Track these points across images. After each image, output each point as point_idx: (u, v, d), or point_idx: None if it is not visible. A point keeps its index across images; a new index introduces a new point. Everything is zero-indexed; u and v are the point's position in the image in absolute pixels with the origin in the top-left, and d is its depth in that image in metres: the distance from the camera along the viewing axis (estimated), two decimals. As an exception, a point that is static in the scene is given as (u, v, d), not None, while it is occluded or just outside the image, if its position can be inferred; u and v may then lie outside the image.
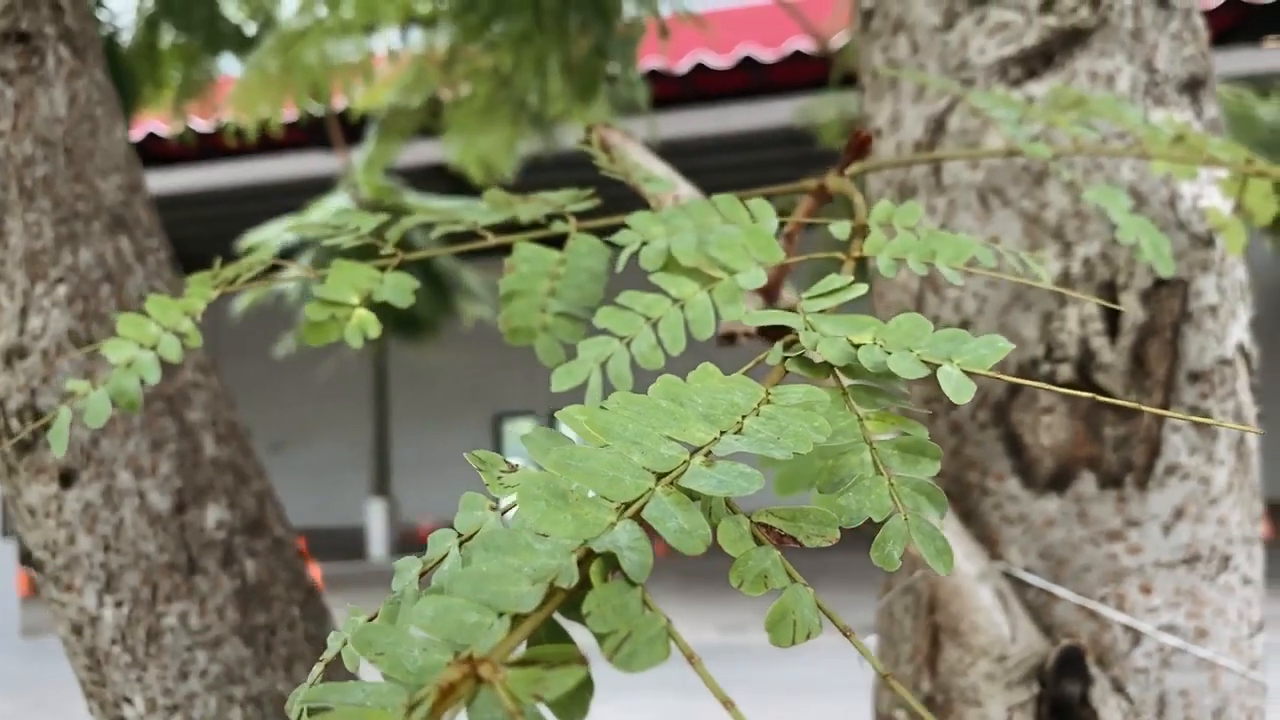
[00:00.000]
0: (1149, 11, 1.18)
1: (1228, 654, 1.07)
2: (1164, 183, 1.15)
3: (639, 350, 0.61)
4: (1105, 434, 1.10)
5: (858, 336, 0.51)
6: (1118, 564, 1.08)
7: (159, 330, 0.79)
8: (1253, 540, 1.12)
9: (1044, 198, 1.17)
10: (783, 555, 0.40)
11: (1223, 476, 1.10)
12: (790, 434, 0.41)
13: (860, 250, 0.64)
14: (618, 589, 0.34)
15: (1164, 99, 1.17)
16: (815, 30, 5.12)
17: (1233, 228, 1.12)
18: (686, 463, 0.39)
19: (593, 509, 0.37)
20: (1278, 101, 9.88)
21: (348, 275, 0.77)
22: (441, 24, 4.65)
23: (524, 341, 0.72)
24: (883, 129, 1.30)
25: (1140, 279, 1.13)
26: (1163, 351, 1.11)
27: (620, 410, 0.42)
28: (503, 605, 0.35)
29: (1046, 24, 1.18)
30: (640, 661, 0.32)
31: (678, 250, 0.65)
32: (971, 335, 0.50)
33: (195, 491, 1.30)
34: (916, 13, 1.25)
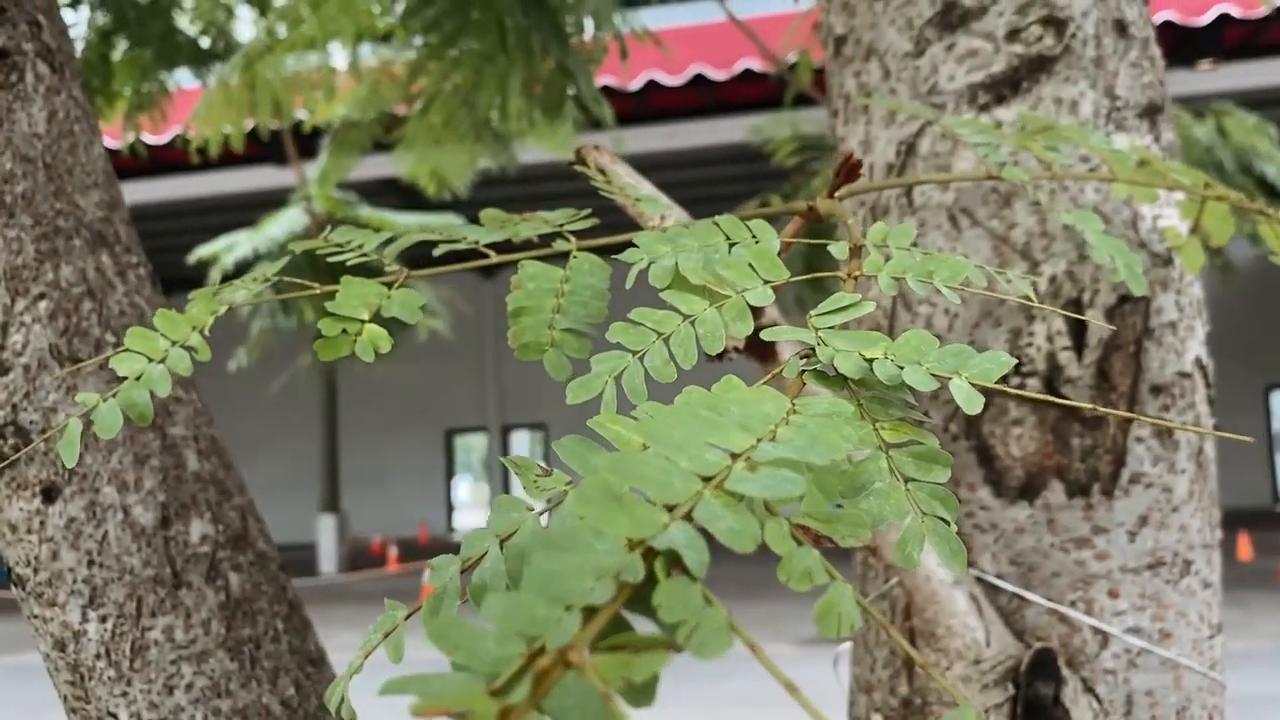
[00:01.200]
0: (1109, 40, 1.23)
1: (1190, 655, 1.12)
2: (1126, 204, 1.20)
3: (652, 364, 0.64)
4: (1073, 444, 1.15)
5: (869, 351, 0.54)
6: (1086, 570, 1.12)
7: (167, 344, 0.81)
8: (1211, 546, 1.17)
9: (1012, 218, 1.21)
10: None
11: (1184, 485, 1.15)
12: (823, 442, 0.44)
13: (860, 270, 0.67)
14: (682, 584, 0.36)
15: (1124, 124, 1.23)
16: (768, 50, 5.20)
17: (1190, 248, 1.17)
18: (729, 467, 0.42)
19: (647, 510, 0.40)
20: (1212, 123, 10.15)
21: (357, 291, 0.80)
22: (400, 40, 4.66)
23: (533, 357, 0.75)
24: (855, 152, 1.34)
25: (1104, 296, 1.18)
26: (1126, 366, 1.16)
27: (663, 418, 0.45)
28: (570, 599, 0.37)
29: (1013, 51, 1.23)
30: (710, 650, 0.34)
31: (686, 268, 0.68)
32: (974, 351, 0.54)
33: (179, 506, 1.31)
34: (888, 40, 1.30)
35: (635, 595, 0.37)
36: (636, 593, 0.37)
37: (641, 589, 0.37)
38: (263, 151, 10.24)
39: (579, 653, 0.33)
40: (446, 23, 2.86)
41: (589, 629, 0.34)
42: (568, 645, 0.33)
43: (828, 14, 1.40)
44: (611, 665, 0.32)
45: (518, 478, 0.51)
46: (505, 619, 0.37)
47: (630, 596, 0.37)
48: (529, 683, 0.32)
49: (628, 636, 0.34)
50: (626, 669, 0.32)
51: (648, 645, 0.33)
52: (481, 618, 0.38)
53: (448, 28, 2.88)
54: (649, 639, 0.33)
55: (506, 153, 5.23)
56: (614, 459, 0.42)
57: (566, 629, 0.36)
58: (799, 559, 0.40)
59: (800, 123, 6.42)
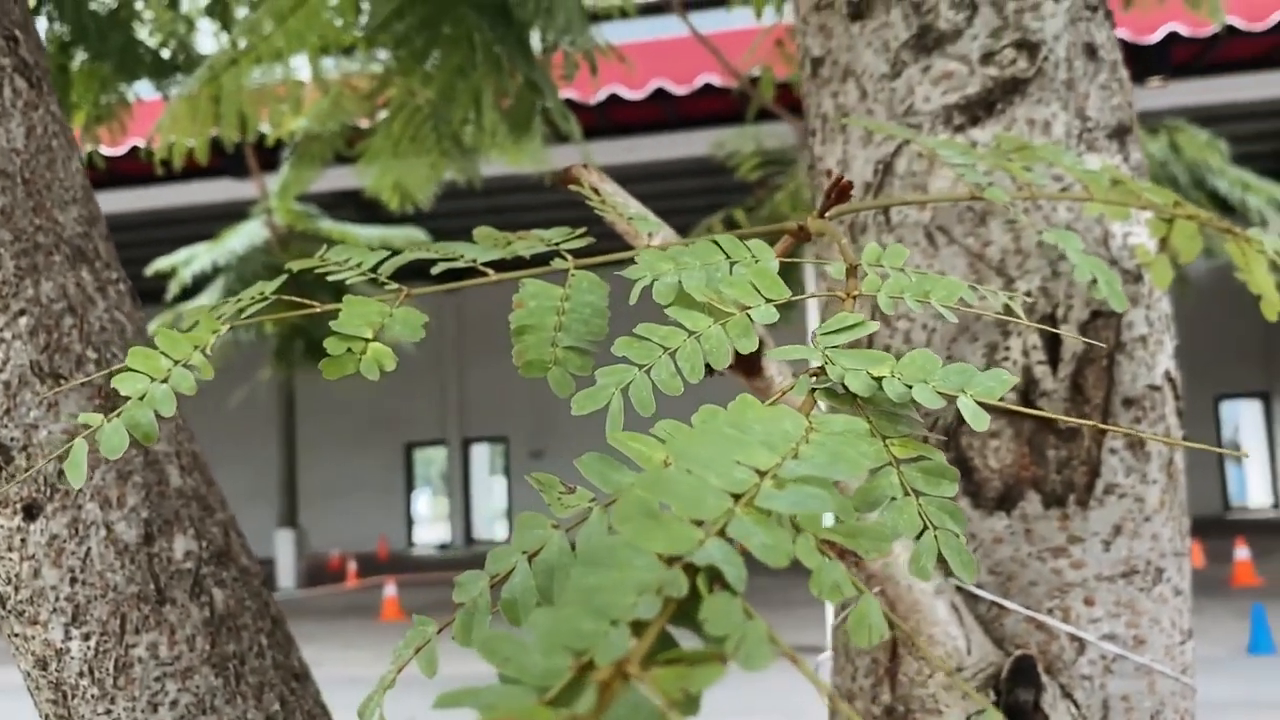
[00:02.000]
0: (1080, 63, 1.27)
1: (1163, 660, 1.15)
2: (1097, 222, 1.24)
3: (659, 378, 0.65)
4: (1049, 456, 1.18)
5: (877, 370, 0.56)
6: (1062, 578, 1.15)
7: (169, 363, 0.82)
8: (1182, 554, 1.20)
9: (987, 236, 1.25)
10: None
11: (1155, 495, 1.18)
12: (845, 459, 0.46)
13: (858, 289, 0.70)
14: (725, 599, 0.38)
15: (1095, 144, 1.26)
16: (730, 66, 5.25)
17: (1159, 264, 1.21)
18: (757, 485, 0.44)
19: (683, 527, 0.41)
20: (1166, 139, 10.36)
21: (360, 310, 0.81)
22: (363, 53, 4.65)
23: (537, 374, 0.76)
24: (832, 171, 1.37)
25: (1078, 311, 1.21)
26: (1099, 379, 1.20)
27: (690, 437, 0.46)
28: (614, 614, 0.39)
29: (988, 74, 1.26)
30: (756, 661, 0.36)
31: (690, 286, 0.70)
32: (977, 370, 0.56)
33: (162, 522, 1.31)
34: (864, 61, 1.33)
35: (677, 610, 0.39)
36: (680, 608, 0.39)
37: (684, 604, 0.39)
38: (222, 164, 10.16)
39: (635, 665, 0.34)
40: (418, 37, 2.87)
41: (642, 643, 0.36)
42: (624, 658, 0.34)
43: (804, 35, 1.43)
44: (670, 677, 0.33)
45: (542, 495, 0.53)
46: (551, 633, 0.39)
47: (676, 611, 0.38)
48: (592, 694, 0.33)
49: (680, 650, 0.36)
50: (685, 680, 0.33)
51: (703, 658, 0.34)
52: (526, 631, 0.40)
53: (419, 42, 2.88)
54: (703, 653, 0.35)
55: (471, 166, 5.24)
56: (648, 477, 0.43)
57: (614, 642, 0.37)
58: (828, 572, 0.42)
59: (763, 138, 6.48)
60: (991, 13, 1.27)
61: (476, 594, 0.50)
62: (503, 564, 0.52)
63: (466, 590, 0.51)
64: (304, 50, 4.02)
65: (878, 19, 1.32)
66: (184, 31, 5.36)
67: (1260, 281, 1.15)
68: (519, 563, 0.51)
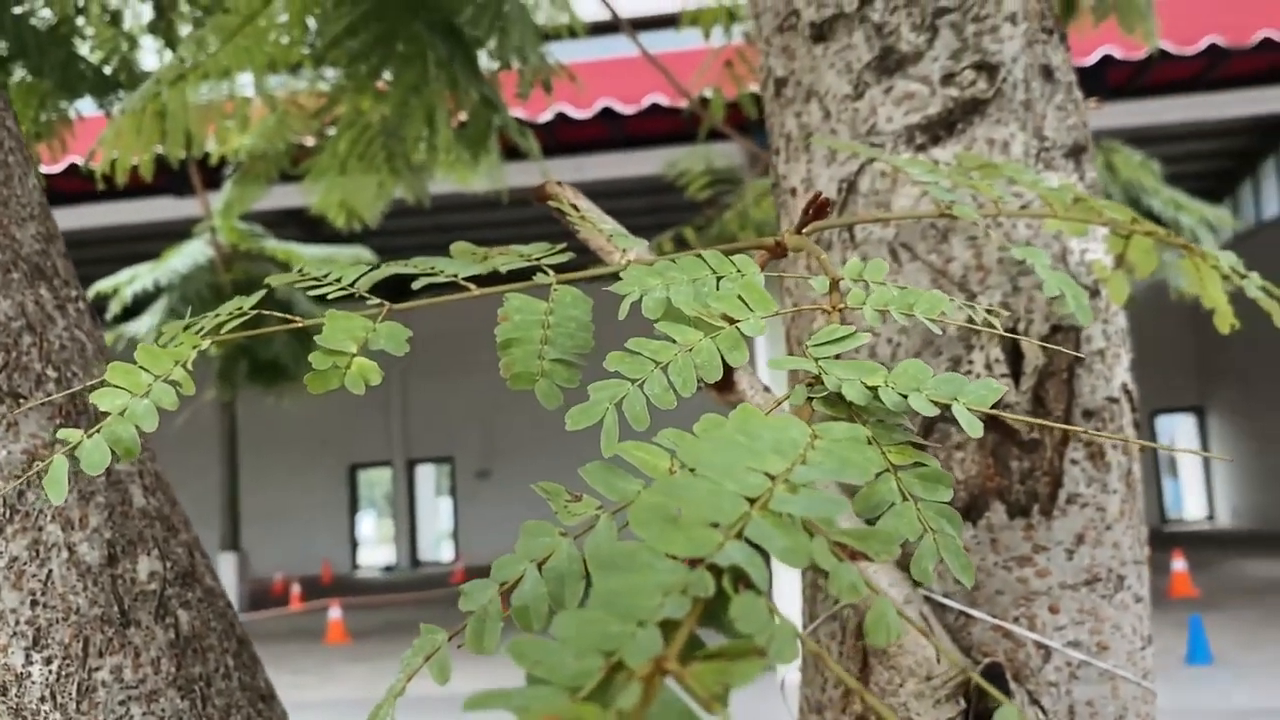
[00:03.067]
0: (1037, 84, 1.31)
1: (1125, 666, 1.18)
2: (1055, 238, 1.27)
3: (652, 392, 0.66)
4: (1012, 467, 1.21)
5: (870, 379, 0.58)
6: (1028, 587, 1.18)
7: (150, 379, 0.81)
8: (1141, 562, 1.24)
9: (949, 252, 1.27)
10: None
11: (1115, 505, 1.21)
12: (853, 464, 0.47)
13: (844, 303, 0.71)
14: (751, 598, 0.39)
15: (1052, 163, 1.30)
16: (680, 86, 5.29)
17: (1115, 280, 1.25)
18: (770, 490, 0.45)
19: (703, 531, 0.42)
20: (1101, 159, 10.59)
21: (343, 325, 0.81)
22: (309, 70, 4.62)
23: (525, 387, 0.77)
24: (797, 189, 1.40)
25: (1038, 325, 1.24)
26: (1060, 391, 1.23)
27: (702, 444, 0.47)
28: (641, 615, 0.40)
29: (948, 94, 1.29)
30: (785, 656, 0.37)
31: (679, 300, 0.71)
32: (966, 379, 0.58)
33: (126, 543, 1.29)
34: (827, 82, 1.36)
35: (704, 610, 0.40)
36: (706, 608, 0.40)
37: (709, 604, 0.40)
38: (164, 182, 10.01)
39: (674, 662, 0.35)
40: (372, 55, 2.86)
41: (676, 641, 0.37)
42: (661, 656, 0.35)
43: (768, 56, 1.46)
44: (710, 673, 0.34)
45: (550, 503, 0.53)
46: (580, 636, 0.39)
47: (703, 611, 0.39)
48: (636, 690, 0.34)
49: (718, 646, 0.37)
50: (725, 675, 0.34)
51: (742, 653, 0.35)
52: (555, 634, 0.40)
53: (373, 60, 2.88)
54: (742, 647, 0.36)
55: (420, 185, 5.22)
56: (664, 483, 0.44)
57: (642, 643, 0.38)
58: (844, 574, 0.43)
59: (713, 157, 6.54)
60: (951, 35, 1.30)
61: (486, 601, 0.50)
62: (510, 572, 0.52)
63: (474, 599, 0.52)
64: (252, 67, 3.99)
65: (840, 41, 1.34)
66: (126, 48, 5.29)
67: (1214, 296, 1.18)
68: (528, 570, 0.51)
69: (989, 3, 1.31)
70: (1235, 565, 14.55)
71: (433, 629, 0.52)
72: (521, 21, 3.02)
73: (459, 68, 3.17)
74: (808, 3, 1.38)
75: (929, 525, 0.52)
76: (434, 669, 0.49)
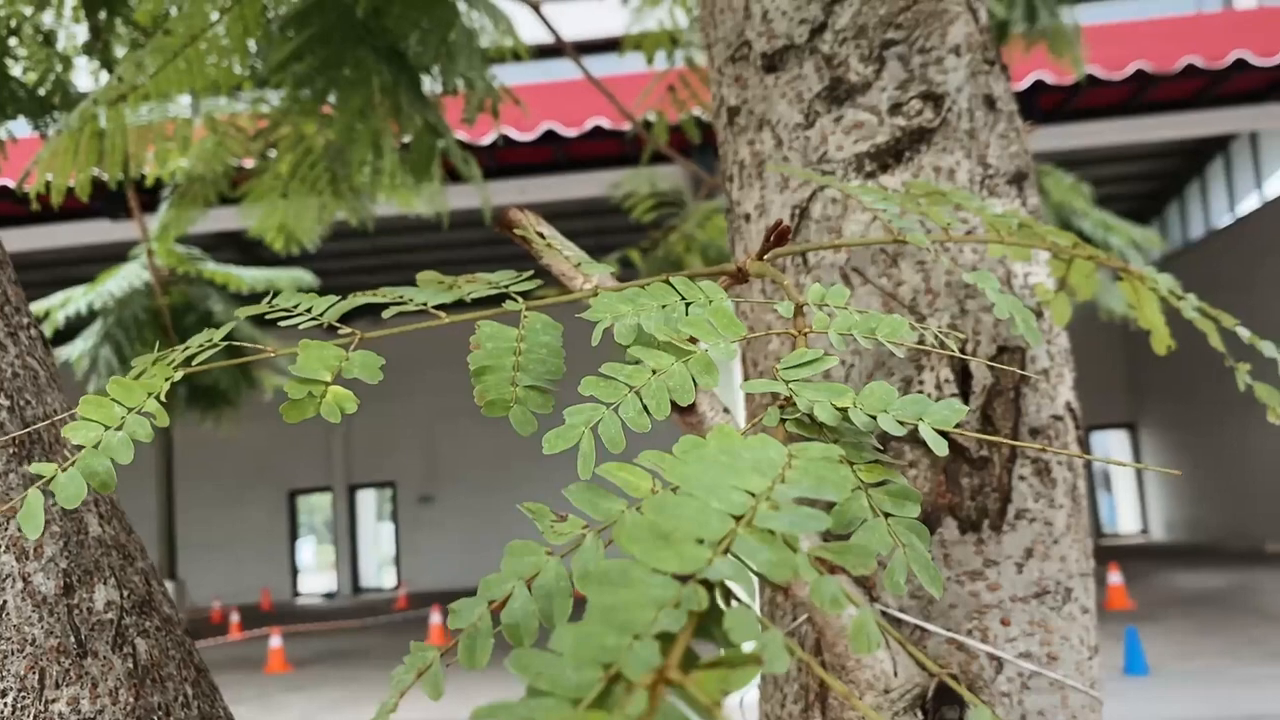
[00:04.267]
0: (981, 114, 1.35)
1: (1074, 675, 1.22)
2: (1000, 262, 1.32)
3: (626, 415, 0.69)
4: (963, 484, 1.24)
5: (840, 401, 0.61)
6: (980, 600, 1.21)
7: (123, 411, 0.81)
8: (1087, 574, 1.28)
9: (899, 276, 1.31)
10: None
11: (1062, 519, 1.25)
12: (830, 481, 0.50)
13: (809, 327, 0.74)
14: (743, 610, 0.41)
15: (996, 190, 1.35)
16: (624, 109, 5.34)
17: (1059, 302, 1.29)
18: (754, 507, 0.47)
19: (692, 547, 0.44)
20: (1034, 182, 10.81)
21: (317, 354, 0.82)
22: (251, 92, 4.59)
23: (499, 413, 0.78)
24: (750, 214, 1.43)
25: (985, 347, 1.28)
26: (1007, 410, 1.27)
27: (690, 464, 0.49)
28: (635, 628, 0.42)
29: (896, 124, 1.33)
30: (778, 665, 0.39)
31: (651, 326, 0.73)
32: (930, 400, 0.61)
33: (82, 572, 1.28)
34: (779, 111, 1.39)
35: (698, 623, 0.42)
36: (700, 621, 0.42)
37: (702, 617, 0.42)
38: (98, 205, 9.85)
39: (675, 671, 0.37)
40: (319, 79, 2.86)
41: (674, 651, 0.39)
42: (664, 666, 0.37)
43: (720, 85, 1.49)
44: (713, 680, 0.36)
45: (535, 524, 0.55)
46: (578, 649, 0.41)
47: (698, 623, 0.42)
48: (641, 699, 0.36)
49: (719, 655, 0.39)
50: (726, 682, 0.36)
51: (741, 661, 0.37)
52: (553, 648, 0.42)
53: (320, 84, 2.88)
54: (742, 655, 0.38)
55: (363, 208, 5.20)
56: (656, 501, 0.46)
57: (640, 654, 0.40)
58: (827, 586, 0.46)
59: (657, 180, 6.60)
60: (898, 66, 1.34)
61: (475, 619, 0.52)
62: (497, 590, 0.54)
63: (463, 617, 0.53)
64: (193, 89, 3.96)
65: (791, 71, 1.38)
66: (60, 69, 5.21)
67: (1150, 317, 1.23)
68: (517, 588, 0.53)
69: (934, 35, 1.36)
70: (1169, 578, 14.87)
71: (423, 646, 0.54)
72: (468, 47, 3.03)
73: (404, 93, 3.18)
74: (759, 34, 1.42)
75: (899, 540, 0.54)
76: (427, 685, 0.50)
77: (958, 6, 1.39)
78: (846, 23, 1.36)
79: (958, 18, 1.38)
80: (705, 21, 1.54)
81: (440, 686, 0.51)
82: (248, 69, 3.77)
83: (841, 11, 1.37)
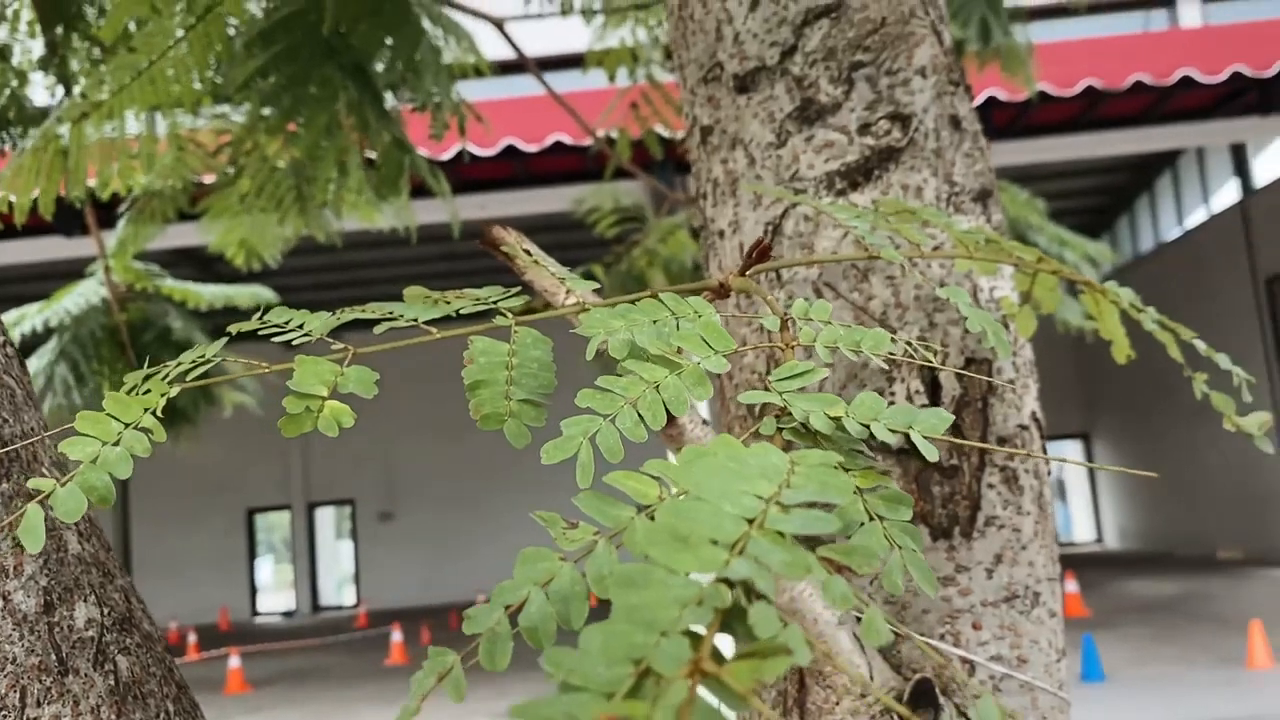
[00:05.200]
0: (946, 133, 1.40)
1: (1043, 677, 1.26)
2: (967, 277, 1.36)
3: (624, 425, 0.71)
4: (934, 492, 1.28)
5: (833, 411, 0.63)
6: (952, 605, 1.25)
7: (120, 427, 0.83)
8: (1054, 579, 1.32)
9: (870, 291, 1.35)
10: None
11: (1029, 526, 1.29)
12: (834, 486, 0.52)
13: (797, 340, 0.77)
14: (765, 606, 0.44)
15: (962, 207, 1.39)
16: (586, 125, 5.37)
17: (1023, 315, 1.34)
18: (765, 511, 0.50)
19: (710, 549, 0.47)
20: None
21: (313, 369, 0.84)
22: (215, 107, 4.57)
23: (494, 427, 0.80)
24: (725, 231, 1.46)
25: (953, 359, 1.32)
26: (975, 419, 1.31)
27: (700, 470, 0.52)
28: (661, 626, 0.44)
29: (865, 143, 1.37)
30: (800, 657, 0.42)
31: (643, 340, 0.76)
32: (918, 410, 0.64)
33: (62, 590, 1.28)
34: (751, 131, 1.43)
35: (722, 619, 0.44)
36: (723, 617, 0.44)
37: (725, 614, 0.44)
38: (53, 222, 9.71)
39: (709, 663, 0.40)
40: (285, 96, 2.86)
41: (704, 646, 0.41)
42: (697, 658, 0.40)
43: (693, 106, 1.52)
44: (746, 669, 0.39)
45: (548, 531, 0.57)
46: (607, 647, 0.44)
47: (722, 620, 0.44)
48: (682, 689, 0.38)
49: (753, 646, 0.41)
50: (759, 671, 0.39)
51: (772, 651, 0.40)
52: (581, 647, 0.45)
53: (286, 101, 2.88)
54: (772, 646, 0.41)
55: (327, 224, 5.18)
56: (672, 507, 0.49)
57: (670, 650, 0.43)
58: (836, 585, 0.48)
59: (619, 195, 6.64)
60: (867, 88, 1.38)
61: (494, 623, 0.54)
62: (512, 596, 0.56)
63: (478, 623, 0.55)
64: (158, 105, 3.94)
65: (763, 92, 1.42)
66: (16, 84, 5.17)
67: (1111, 329, 1.28)
68: (533, 593, 0.55)
69: (900, 57, 1.40)
70: (1123, 585, 15.10)
71: (441, 650, 0.56)
72: (435, 65, 3.05)
73: (370, 109, 3.19)
74: (731, 56, 1.45)
75: (895, 541, 0.57)
76: (449, 688, 0.52)
77: (923, 29, 1.43)
78: (816, 45, 1.40)
79: (923, 40, 1.42)
80: (677, 43, 1.57)
81: (463, 689, 0.53)
82: (210, 85, 3.76)
83: (811, 34, 1.41)
